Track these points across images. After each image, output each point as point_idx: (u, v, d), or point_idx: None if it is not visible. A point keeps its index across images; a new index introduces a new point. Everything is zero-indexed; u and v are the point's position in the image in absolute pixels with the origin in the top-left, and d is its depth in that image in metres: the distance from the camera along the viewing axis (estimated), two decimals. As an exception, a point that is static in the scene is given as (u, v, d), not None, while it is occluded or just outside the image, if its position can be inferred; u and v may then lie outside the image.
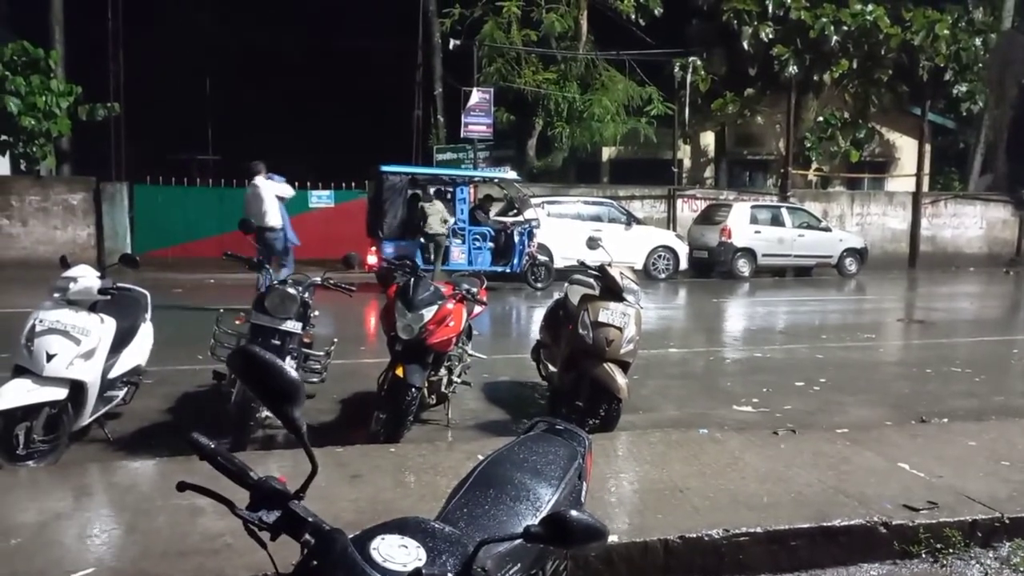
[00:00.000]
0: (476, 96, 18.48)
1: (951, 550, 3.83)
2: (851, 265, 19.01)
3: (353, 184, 17.97)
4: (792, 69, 20.34)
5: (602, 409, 5.47)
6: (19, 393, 4.48)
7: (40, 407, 4.53)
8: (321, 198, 18.06)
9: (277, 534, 1.63)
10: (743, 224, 18.02)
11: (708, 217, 19.00)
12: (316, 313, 5.70)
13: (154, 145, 21.63)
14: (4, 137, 16.24)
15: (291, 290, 5.17)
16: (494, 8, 20.04)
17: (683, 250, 17.55)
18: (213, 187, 18.19)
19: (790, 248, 18.43)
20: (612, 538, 3.60)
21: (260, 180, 10.82)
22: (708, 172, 24.57)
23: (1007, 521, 3.97)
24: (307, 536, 1.60)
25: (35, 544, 3.39)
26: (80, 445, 5.11)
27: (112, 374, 5.13)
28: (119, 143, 17.49)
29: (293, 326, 5.16)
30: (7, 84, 15.69)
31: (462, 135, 18.65)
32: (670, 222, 20.47)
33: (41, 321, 4.64)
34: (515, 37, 20.11)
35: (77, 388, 4.68)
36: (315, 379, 5.52)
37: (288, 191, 11.25)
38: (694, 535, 3.65)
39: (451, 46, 18.95)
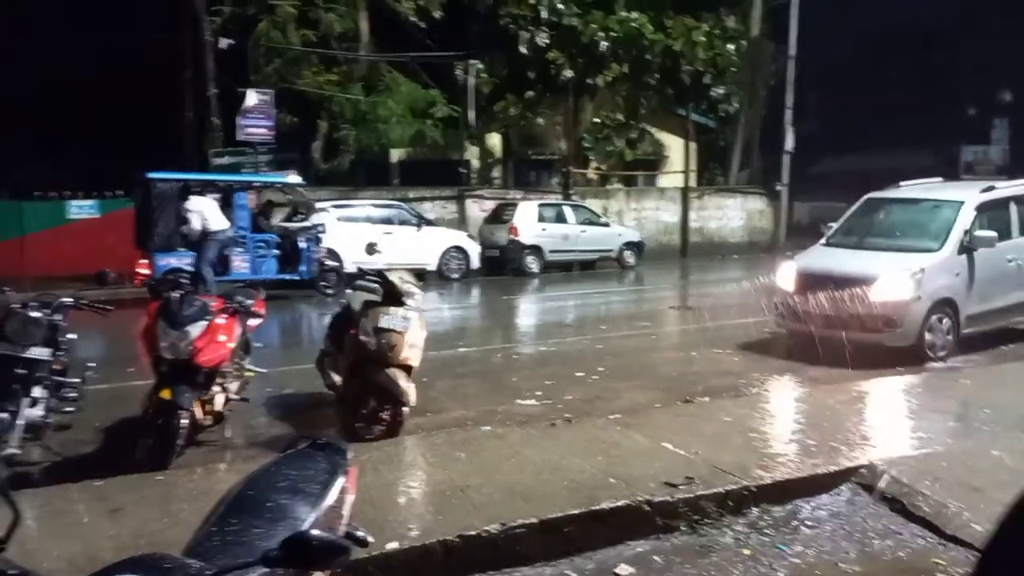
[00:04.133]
0: (254, 98, 17.74)
1: (707, 520, 4.16)
2: (630, 258, 20.23)
3: (121, 192, 16.70)
4: (568, 73, 21.23)
5: (387, 415, 5.47)
6: None
7: None
8: (83, 208, 16.66)
9: None
10: (530, 222, 18.64)
11: (497, 216, 19.49)
12: (71, 336, 5.23)
13: None
14: None
15: (35, 313, 4.71)
16: (268, 7, 19.32)
17: (475, 250, 17.86)
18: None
19: (574, 244, 19.29)
20: (392, 545, 3.60)
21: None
22: (496, 172, 25.14)
23: (754, 489, 4.36)
24: None
25: None
26: None
27: None
28: None
29: (40, 353, 4.71)
30: None
31: (239, 138, 17.83)
32: (461, 222, 20.76)
33: None
34: (293, 37, 19.50)
35: None
36: (71, 408, 5.09)
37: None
38: (472, 532, 3.73)
39: (224, 45, 18.02)
